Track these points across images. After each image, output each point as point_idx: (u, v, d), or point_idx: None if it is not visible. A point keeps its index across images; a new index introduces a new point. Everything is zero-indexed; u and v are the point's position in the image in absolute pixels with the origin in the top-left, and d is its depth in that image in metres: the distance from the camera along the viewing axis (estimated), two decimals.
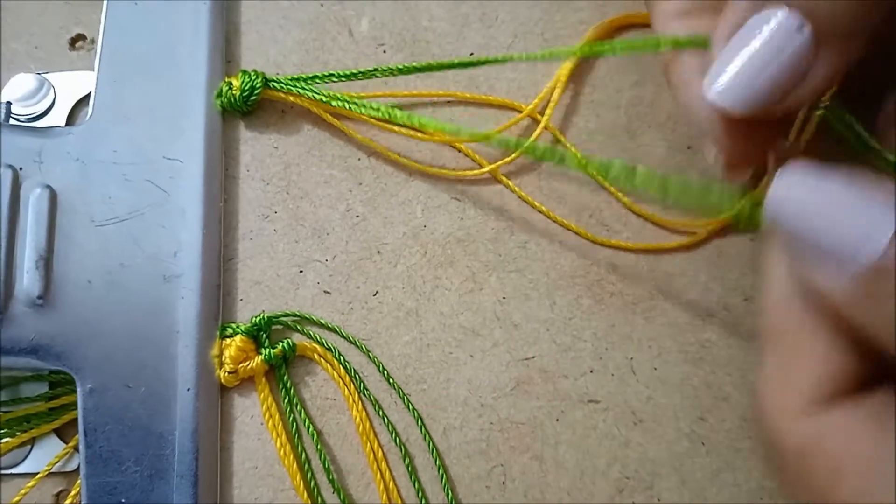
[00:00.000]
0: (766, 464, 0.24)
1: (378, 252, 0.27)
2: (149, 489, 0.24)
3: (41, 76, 0.29)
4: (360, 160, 0.28)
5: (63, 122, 0.29)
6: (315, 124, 0.28)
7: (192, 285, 0.25)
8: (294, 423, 0.25)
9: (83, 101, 0.29)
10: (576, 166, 0.24)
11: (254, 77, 0.27)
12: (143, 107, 0.27)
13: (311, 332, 0.26)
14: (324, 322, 0.27)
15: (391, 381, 0.26)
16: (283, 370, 0.26)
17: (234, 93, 0.27)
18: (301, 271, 0.27)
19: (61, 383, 0.26)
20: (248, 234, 0.28)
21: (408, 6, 0.29)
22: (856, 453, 0.15)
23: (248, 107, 0.28)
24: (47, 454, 0.26)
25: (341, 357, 0.26)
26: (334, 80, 0.27)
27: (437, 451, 0.25)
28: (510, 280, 0.27)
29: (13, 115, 0.28)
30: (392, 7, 0.29)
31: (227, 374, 0.25)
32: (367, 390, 0.26)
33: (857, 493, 0.15)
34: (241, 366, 0.25)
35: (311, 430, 0.25)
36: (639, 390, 0.25)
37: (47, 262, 0.25)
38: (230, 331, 0.26)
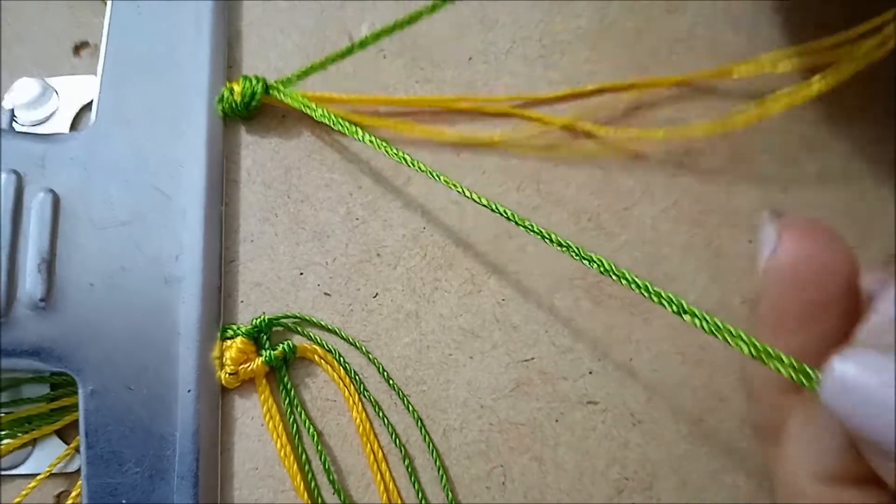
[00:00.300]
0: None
1: (378, 254, 0.27)
2: (150, 490, 0.24)
3: (44, 81, 0.29)
4: (359, 164, 0.28)
5: (67, 127, 0.29)
6: (315, 129, 0.29)
7: (194, 288, 0.26)
8: (294, 425, 0.26)
9: (87, 105, 0.29)
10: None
11: (255, 83, 0.28)
12: (145, 110, 0.27)
13: (312, 334, 0.26)
14: (324, 324, 0.27)
15: (391, 382, 0.26)
16: (284, 372, 0.26)
17: (235, 98, 0.28)
18: (301, 274, 0.27)
19: (63, 385, 0.26)
20: (249, 237, 0.28)
21: (407, 11, 0.29)
22: None
23: (249, 112, 0.28)
24: (48, 455, 0.26)
25: (341, 358, 0.26)
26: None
27: (436, 452, 0.25)
28: (509, 282, 0.27)
29: (16, 121, 0.29)
30: (392, 12, 0.30)
31: (227, 375, 0.25)
32: (367, 391, 0.26)
33: None
34: (241, 367, 0.25)
35: (311, 431, 0.25)
36: (638, 392, 0.26)
37: (49, 266, 0.25)
38: (231, 332, 0.26)
